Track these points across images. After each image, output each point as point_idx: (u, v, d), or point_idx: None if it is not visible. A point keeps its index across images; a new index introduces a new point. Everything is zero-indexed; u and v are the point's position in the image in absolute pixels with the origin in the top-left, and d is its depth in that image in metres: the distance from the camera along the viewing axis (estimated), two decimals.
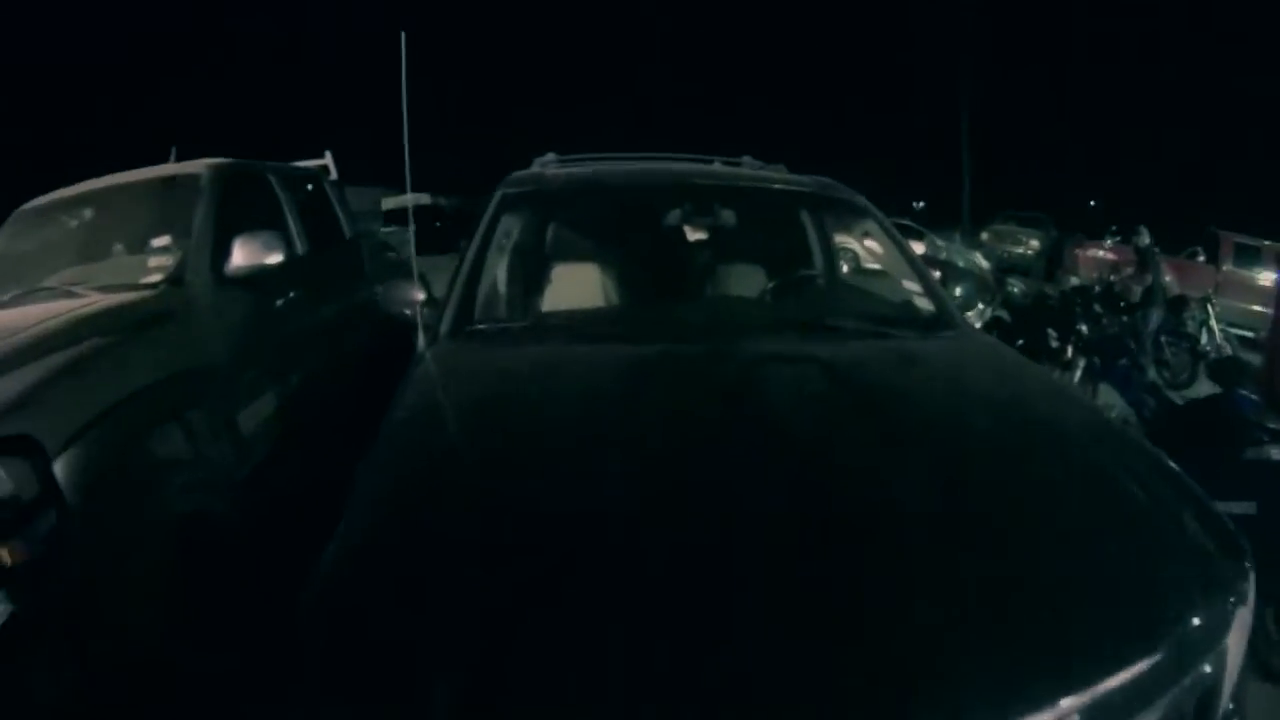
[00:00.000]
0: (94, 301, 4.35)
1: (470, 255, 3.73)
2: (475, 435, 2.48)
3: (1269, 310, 10.22)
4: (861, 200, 4.72)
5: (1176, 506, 2.32)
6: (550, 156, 5.12)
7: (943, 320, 3.81)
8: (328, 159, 8.41)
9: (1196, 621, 1.88)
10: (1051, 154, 51.37)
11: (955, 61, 41.87)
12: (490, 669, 1.59)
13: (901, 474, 2.25)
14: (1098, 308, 9.34)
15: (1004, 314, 10.02)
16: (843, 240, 5.58)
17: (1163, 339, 10.16)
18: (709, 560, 1.88)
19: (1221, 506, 3.72)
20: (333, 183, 7.99)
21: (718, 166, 5.19)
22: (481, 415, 2.63)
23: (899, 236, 4.56)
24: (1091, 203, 46.87)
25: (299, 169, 7.62)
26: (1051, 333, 8.48)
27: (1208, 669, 1.86)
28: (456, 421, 2.60)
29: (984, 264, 18.27)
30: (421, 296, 4.04)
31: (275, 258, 5.41)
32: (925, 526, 2.02)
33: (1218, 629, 1.92)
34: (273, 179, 6.56)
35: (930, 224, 29.11)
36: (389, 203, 18.57)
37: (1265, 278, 16.61)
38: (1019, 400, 3.00)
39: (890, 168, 53.80)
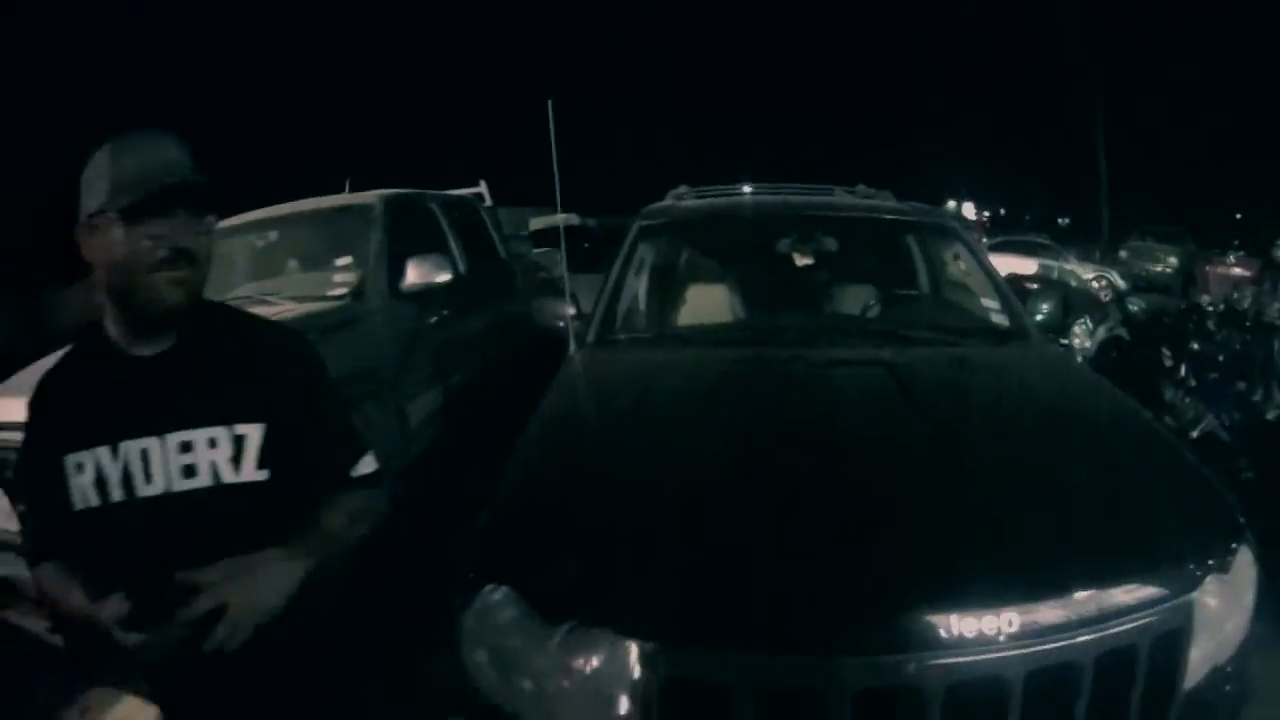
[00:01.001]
0: (288, 309, 5.22)
1: (613, 276, 4.56)
2: (613, 413, 3.39)
3: None
4: (953, 224, 5.41)
5: (1176, 485, 2.89)
6: (683, 189, 5.83)
7: (1013, 333, 4.45)
8: (482, 187, 9.72)
9: (1176, 567, 2.38)
10: (1195, 165, 50.30)
11: (1093, 76, 41.50)
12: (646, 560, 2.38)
13: (939, 441, 3.00)
14: (1211, 325, 9.64)
15: (1123, 332, 10.29)
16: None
17: None
18: (798, 493, 2.67)
19: None
20: (488, 208, 9.19)
21: (831, 196, 5.77)
22: (618, 398, 3.54)
23: (984, 258, 5.23)
24: (1238, 215, 45.86)
25: (457, 197, 8.83)
26: (1165, 351, 8.79)
27: (1168, 613, 2.28)
28: (598, 404, 3.53)
29: (1118, 282, 18.41)
30: (571, 311, 4.75)
31: (443, 277, 6.41)
32: (949, 476, 2.75)
33: (1188, 577, 2.37)
34: (434, 207, 7.71)
35: (1074, 240, 29.09)
36: (537, 223, 19.39)
37: None
38: (1056, 393, 3.74)
39: (1035, 184, 53.38)
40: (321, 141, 32.79)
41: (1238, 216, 44.82)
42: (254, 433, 1.91)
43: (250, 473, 1.90)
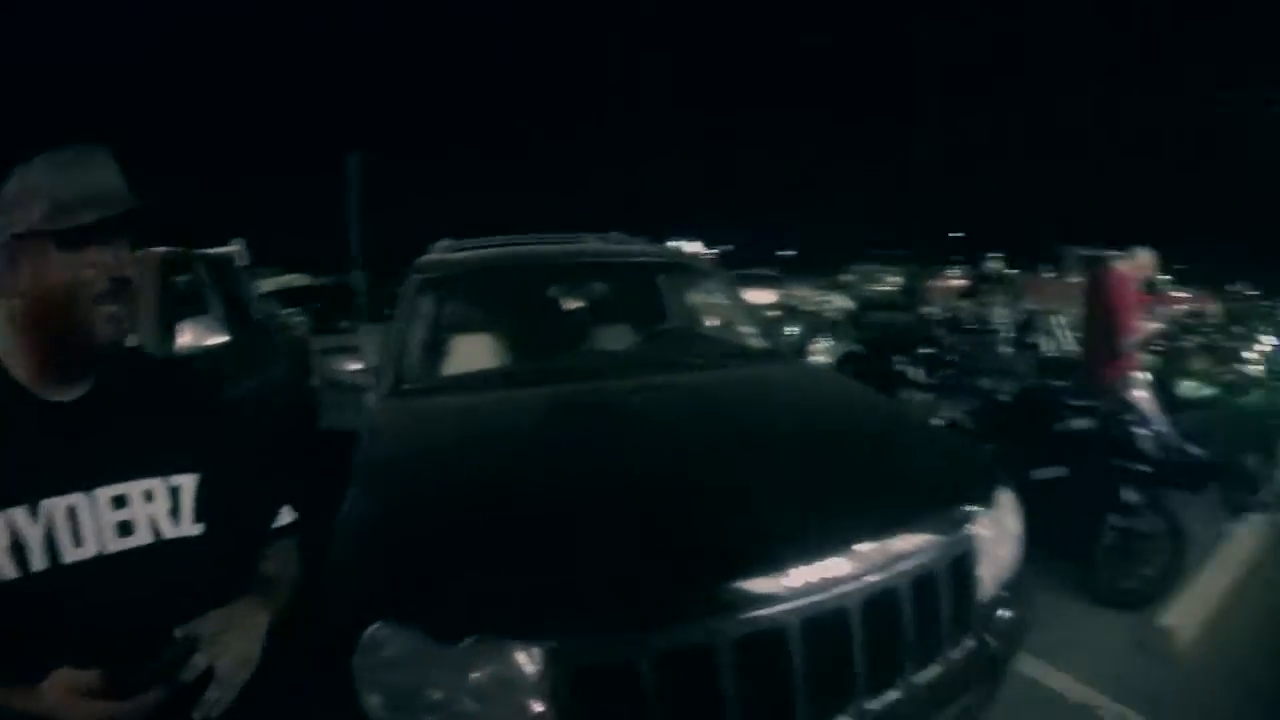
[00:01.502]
0: None
1: (398, 328, 4.82)
2: (434, 450, 3.65)
3: None
4: (706, 264, 6.21)
5: (941, 448, 3.87)
6: (447, 241, 6.28)
7: (771, 354, 5.27)
8: (239, 246, 9.56)
9: (948, 511, 3.11)
10: (916, 193, 54.26)
11: (820, 119, 44.10)
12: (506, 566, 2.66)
13: (742, 435, 3.61)
14: (938, 332, 10.95)
15: (858, 348, 11.45)
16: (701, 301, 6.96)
17: (1008, 351, 11.41)
18: (637, 491, 3.10)
19: (1039, 473, 5.31)
20: (244, 268, 9.10)
21: (592, 244, 6.34)
22: (433, 438, 3.80)
23: (737, 294, 6.08)
24: (955, 234, 49.56)
25: (216, 255, 8.67)
26: (900, 359, 9.97)
27: (956, 542, 3.01)
28: (415, 445, 3.74)
29: (846, 304, 19.89)
30: (360, 365, 4.96)
31: (217, 339, 6.39)
32: (761, 456, 3.36)
33: (962, 519, 3.09)
34: (200, 265, 7.65)
35: (799, 269, 31.04)
36: (268, 284, 19.17)
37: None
38: (824, 394, 4.69)
39: (768, 221, 56.12)
40: None
41: (956, 234, 48.51)
42: (189, 483, 1.81)
43: (188, 526, 1.80)
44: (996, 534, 3.22)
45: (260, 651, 1.71)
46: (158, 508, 1.75)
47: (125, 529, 1.69)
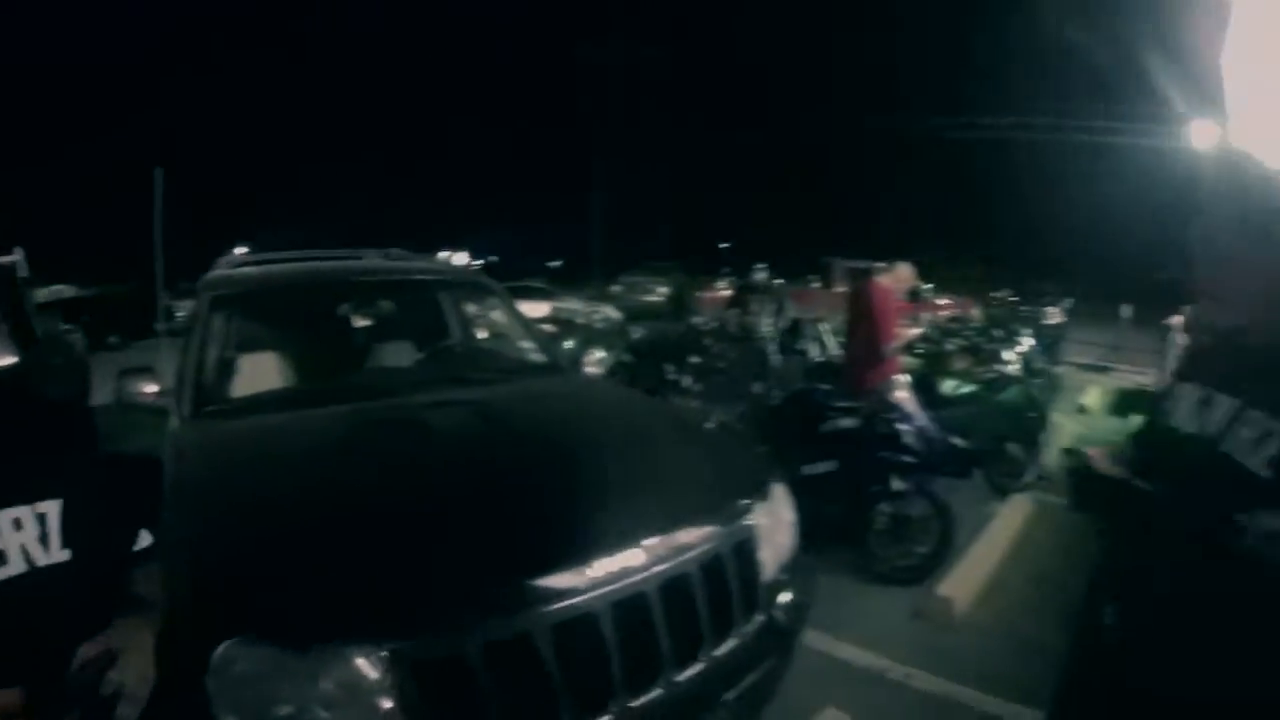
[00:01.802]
0: None
1: (194, 348, 4.68)
2: (246, 467, 3.60)
3: None
4: (487, 281, 6.36)
5: (721, 448, 4.18)
6: (230, 257, 6.20)
7: (552, 367, 5.53)
8: (18, 255, 8.47)
9: (729, 503, 3.46)
10: (685, 204, 55.62)
11: (587, 130, 44.46)
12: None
13: (537, 444, 3.80)
14: (707, 341, 11.41)
15: (629, 358, 11.76)
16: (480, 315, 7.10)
17: (776, 357, 11.94)
18: (437, 492, 3.27)
19: (810, 469, 5.64)
20: (24, 280, 8.26)
21: (374, 261, 6.40)
22: (243, 455, 3.76)
23: (515, 309, 6.28)
24: (724, 245, 50.99)
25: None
26: (670, 367, 10.34)
27: (738, 529, 3.37)
28: (225, 465, 3.66)
29: (614, 315, 20.31)
30: (155, 388, 4.62)
31: (4, 360, 5.97)
32: (557, 462, 3.55)
33: (742, 509, 3.46)
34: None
35: (567, 280, 31.38)
36: (41, 294, 17.62)
37: None
38: (607, 403, 4.95)
39: (534, 232, 56.41)
40: None
41: (725, 245, 49.95)
42: (54, 509, 1.82)
43: (57, 553, 1.81)
44: (773, 522, 3.65)
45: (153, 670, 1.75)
46: (28, 535, 1.76)
47: (0, 559, 1.71)
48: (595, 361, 10.50)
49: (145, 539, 2.08)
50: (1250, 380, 1.89)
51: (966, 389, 8.87)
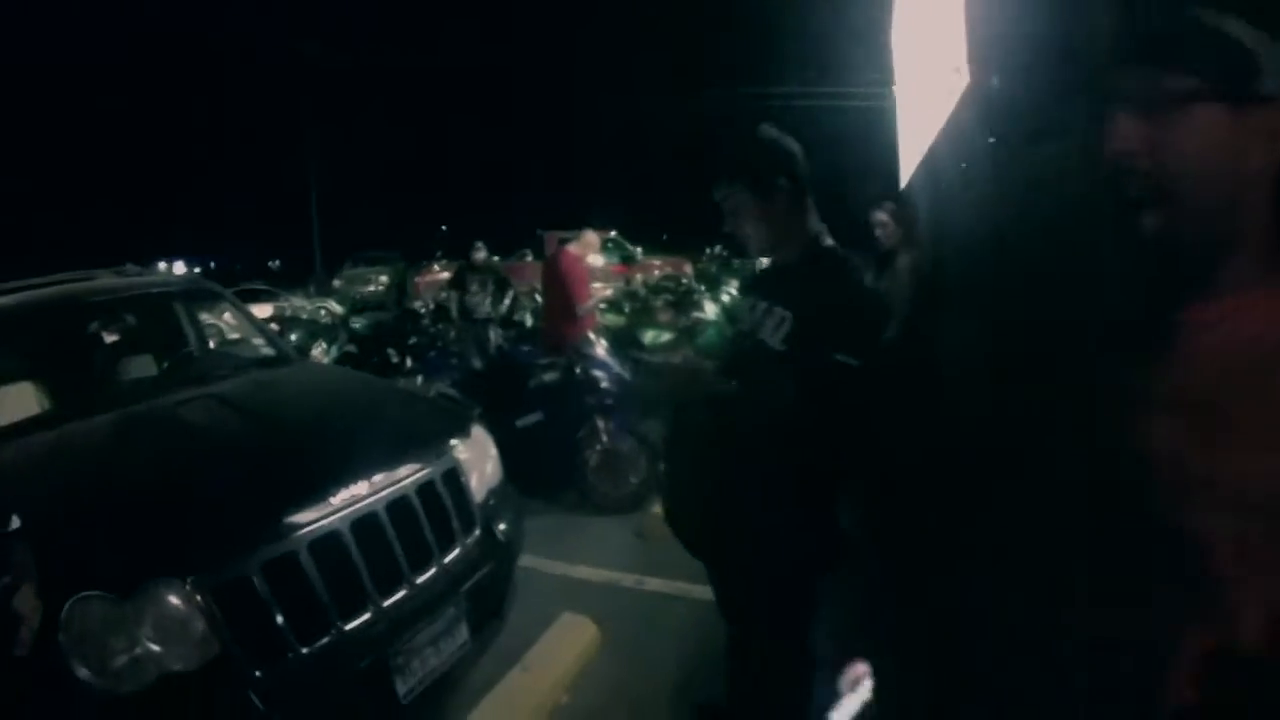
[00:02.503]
0: None
1: None
2: (38, 472, 4.04)
3: None
4: (216, 287, 6.94)
5: (432, 405, 5.22)
6: None
7: (281, 359, 6.13)
8: None
9: (435, 444, 4.30)
10: (397, 193, 55.53)
11: (296, 127, 43.75)
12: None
13: (268, 416, 4.56)
14: (425, 322, 12.18)
15: (352, 348, 12.34)
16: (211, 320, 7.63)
17: (490, 331, 12.68)
18: (201, 462, 3.97)
19: (522, 421, 6.49)
20: None
21: (106, 279, 6.62)
22: (39, 462, 4.17)
23: (244, 309, 6.84)
24: (443, 227, 51.33)
25: None
26: (392, 351, 11.07)
27: (444, 460, 4.22)
28: (27, 471, 4.08)
29: (336, 309, 20.66)
30: None
31: None
32: (296, 428, 4.41)
33: (445, 446, 4.33)
34: None
35: (288, 279, 31.24)
36: None
37: None
38: (334, 382, 5.87)
39: (251, 233, 55.17)
40: None
41: (443, 228, 50.36)
42: None
43: None
44: (477, 455, 4.55)
45: None
46: None
47: None
48: (320, 354, 11.13)
49: (15, 522, 2.59)
50: (771, 286, 3.01)
51: (666, 337, 10.01)
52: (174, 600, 3.07)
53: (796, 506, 2.79)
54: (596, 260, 9.46)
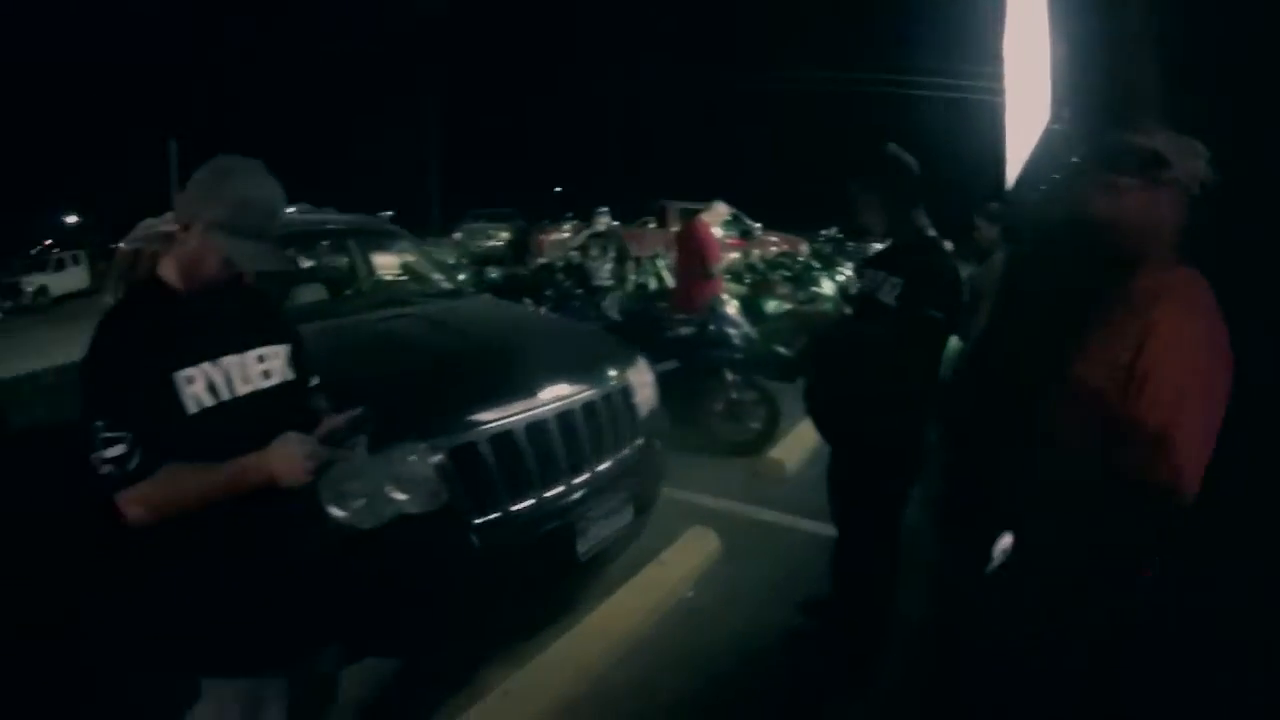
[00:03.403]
0: None
1: None
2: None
3: None
4: (397, 229, 8.04)
5: (594, 337, 6.03)
6: (150, 220, 7.48)
7: (460, 292, 7.11)
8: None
9: (612, 367, 5.22)
10: (516, 150, 56.33)
11: (416, 77, 44.37)
12: None
13: (468, 333, 5.42)
14: (560, 277, 13.04)
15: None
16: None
17: (609, 298, 13.30)
18: (411, 363, 4.79)
19: (659, 367, 7.44)
20: None
21: (299, 214, 7.56)
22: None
23: (421, 249, 7.97)
24: (557, 189, 52.19)
25: None
26: (528, 301, 11.95)
27: (619, 381, 5.16)
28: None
29: (460, 261, 21.35)
30: None
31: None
32: (491, 348, 5.19)
33: (620, 370, 5.26)
34: None
35: (408, 229, 32.14)
36: None
37: None
38: (508, 313, 6.70)
39: (363, 183, 56.45)
40: None
41: (557, 190, 51.20)
42: (286, 349, 2.77)
43: (290, 374, 2.75)
44: (640, 381, 5.48)
45: None
46: (280, 362, 2.72)
47: (267, 375, 2.65)
48: None
49: (315, 379, 3.10)
50: (887, 261, 4.22)
51: (785, 307, 10.83)
52: (414, 458, 3.57)
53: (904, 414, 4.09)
54: (716, 232, 10.01)
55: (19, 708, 4.31)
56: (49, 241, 43.22)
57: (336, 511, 3.16)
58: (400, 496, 3.37)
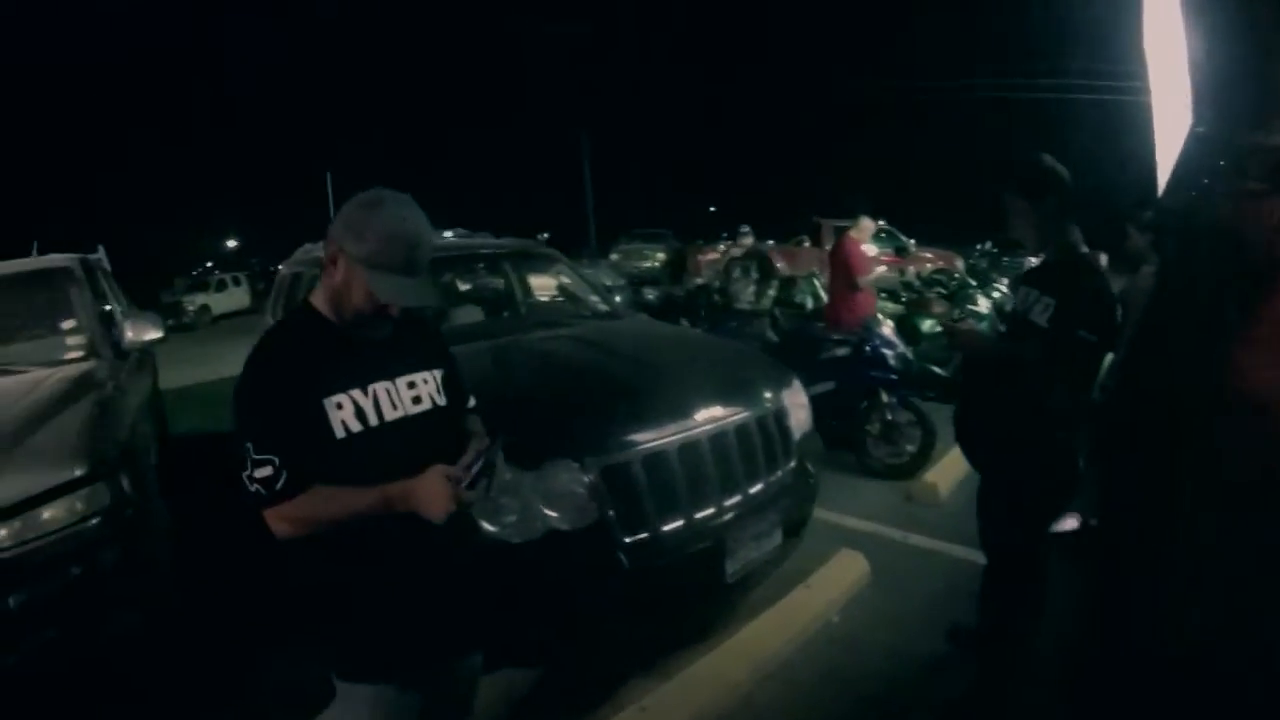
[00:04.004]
0: (54, 373, 5.85)
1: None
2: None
3: None
4: (552, 251, 8.20)
5: (756, 358, 5.96)
6: (309, 246, 7.91)
7: (615, 313, 7.21)
8: (101, 253, 9.87)
9: (767, 389, 5.22)
10: (668, 170, 56.76)
11: (570, 97, 45.06)
12: None
13: (623, 353, 5.46)
14: (716, 297, 13.06)
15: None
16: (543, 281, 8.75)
17: (776, 310, 12.92)
18: (597, 381, 4.96)
19: (814, 389, 7.43)
20: (107, 272, 9.36)
21: (456, 238, 7.99)
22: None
23: (576, 271, 8.05)
24: (711, 209, 52.38)
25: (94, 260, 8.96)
26: (684, 321, 12.06)
27: (774, 403, 5.16)
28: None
29: (618, 281, 21.55)
30: None
31: (155, 334, 7.01)
32: (647, 364, 5.24)
33: (775, 391, 5.26)
34: (99, 272, 8.40)
35: (563, 250, 32.61)
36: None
37: None
38: (665, 333, 6.77)
39: (513, 201, 57.25)
40: None
41: (711, 210, 51.41)
42: (439, 374, 2.82)
43: (441, 400, 2.78)
44: (794, 403, 5.46)
45: None
46: (431, 388, 2.76)
47: (417, 400, 2.69)
48: None
49: (471, 401, 3.10)
50: (1039, 279, 4.15)
51: (940, 328, 10.63)
52: (566, 476, 3.76)
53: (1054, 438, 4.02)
54: (870, 249, 9.91)
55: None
56: (210, 264, 45.25)
57: (488, 526, 3.17)
58: (551, 513, 3.45)
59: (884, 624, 5.23)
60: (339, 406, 2.49)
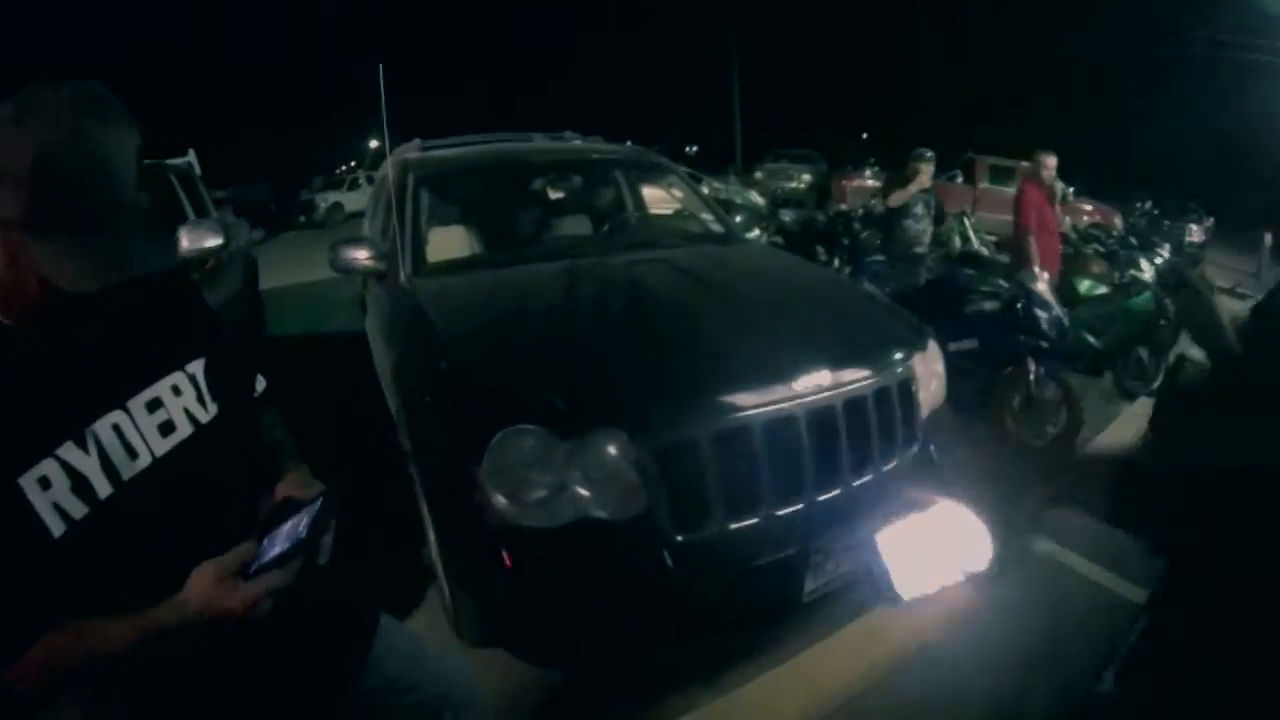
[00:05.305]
0: None
1: (406, 219, 5.39)
2: (493, 306, 4.45)
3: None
4: (664, 160, 7.19)
5: (883, 309, 4.81)
6: (416, 142, 7.03)
7: (730, 237, 6.23)
8: (191, 156, 9.67)
9: (895, 350, 4.09)
10: (818, 93, 55.40)
11: (719, 12, 44.13)
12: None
13: (720, 289, 4.55)
14: (857, 226, 11.98)
15: (779, 240, 12.34)
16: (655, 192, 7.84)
17: (922, 248, 12.26)
18: (681, 328, 4.07)
19: (955, 345, 6.32)
20: (198, 176, 9.29)
21: (549, 142, 7.28)
22: (486, 298, 4.60)
23: (693, 184, 7.00)
24: (864, 135, 50.95)
25: (181, 165, 8.98)
26: (820, 249, 10.99)
27: (902, 370, 4.00)
28: (471, 304, 4.48)
29: (758, 200, 20.69)
30: (366, 254, 5.43)
31: (214, 241, 6.88)
32: (745, 308, 4.31)
33: (905, 355, 4.09)
34: (170, 176, 8.10)
35: (706, 166, 31.87)
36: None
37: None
38: (783, 266, 5.62)
39: (664, 116, 56.54)
40: None
41: (864, 136, 49.99)
42: (200, 367, 1.86)
43: (211, 407, 1.85)
44: (927, 371, 4.28)
45: None
46: (188, 397, 1.80)
47: (167, 429, 1.73)
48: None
49: (261, 382, 2.18)
50: None
51: (1101, 289, 9.36)
52: (612, 450, 3.14)
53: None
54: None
55: None
56: (353, 163, 45.88)
57: (502, 502, 2.94)
58: (585, 493, 3.05)
59: (990, 645, 4.14)
60: (43, 484, 1.49)
